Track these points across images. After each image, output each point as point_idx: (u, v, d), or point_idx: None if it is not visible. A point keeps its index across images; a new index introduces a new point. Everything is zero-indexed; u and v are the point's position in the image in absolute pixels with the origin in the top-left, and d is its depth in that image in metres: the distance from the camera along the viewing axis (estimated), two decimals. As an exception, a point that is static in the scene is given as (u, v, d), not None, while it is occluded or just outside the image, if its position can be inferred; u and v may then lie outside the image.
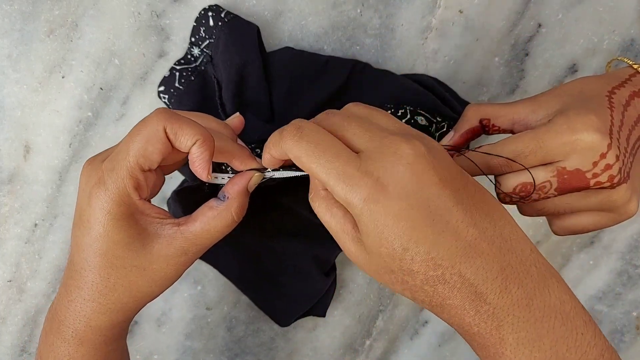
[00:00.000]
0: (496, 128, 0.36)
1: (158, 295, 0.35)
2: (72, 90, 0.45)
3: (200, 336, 0.52)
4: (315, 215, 0.44)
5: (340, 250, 0.47)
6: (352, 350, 0.53)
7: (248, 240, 0.45)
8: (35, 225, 0.48)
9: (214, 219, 0.33)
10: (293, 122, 0.31)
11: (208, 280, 0.50)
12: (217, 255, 0.45)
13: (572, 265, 0.52)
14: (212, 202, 0.34)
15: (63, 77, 0.44)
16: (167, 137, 0.31)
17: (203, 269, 0.50)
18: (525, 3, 0.44)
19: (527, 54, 0.46)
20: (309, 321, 0.52)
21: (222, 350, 0.53)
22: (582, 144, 0.32)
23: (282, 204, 0.44)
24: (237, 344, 0.52)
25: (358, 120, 0.30)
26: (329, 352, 0.53)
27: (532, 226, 0.51)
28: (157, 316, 0.51)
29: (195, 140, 0.31)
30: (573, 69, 0.46)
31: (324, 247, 0.46)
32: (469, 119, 0.37)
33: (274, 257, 0.46)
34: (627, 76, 0.36)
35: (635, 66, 0.36)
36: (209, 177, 0.32)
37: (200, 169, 0.31)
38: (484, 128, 0.37)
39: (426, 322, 0.54)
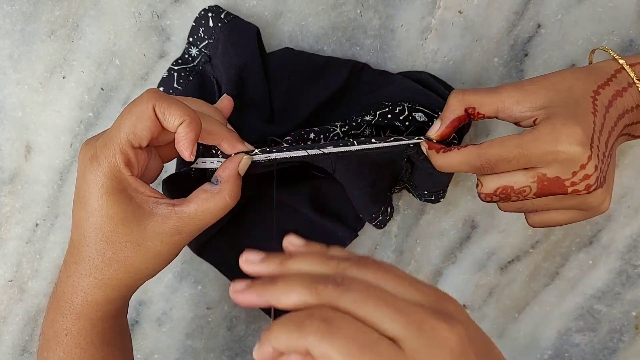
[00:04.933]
0: (481, 115, 0.37)
1: (153, 275, 0.36)
2: (73, 91, 0.45)
3: (200, 335, 0.52)
4: (315, 214, 0.44)
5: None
6: (352, 350, 0.54)
7: (248, 240, 0.45)
8: (36, 225, 0.48)
9: (207, 201, 0.35)
10: (313, 313, 0.25)
11: (208, 280, 0.50)
12: (217, 254, 0.45)
13: (571, 265, 0.52)
14: (205, 185, 0.36)
15: (64, 78, 0.44)
16: (156, 116, 0.32)
17: (203, 268, 0.50)
18: (525, 4, 0.44)
19: (526, 55, 0.46)
20: (309, 321, 0.52)
21: (222, 349, 0.53)
22: (564, 155, 0.33)
23: (283, 203, 0.44)
24: (238, 343, 0.53)
25: (379, 296, 0.25)
26: (329, 352, 0.53)
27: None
28: (157, 316, 0.51)
29: (182, 121, 0.32)
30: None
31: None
32: (454, 109, 0.37)
33: (274, 257, 0.46)
34: (612, 72, 0.37)
35: (620, 61, 0.37)
36: (192, 157, 0.33)
37: (184, 148, 0.33)
38: (469, 116, 0.37)
39: (426, 321, 0.54)
